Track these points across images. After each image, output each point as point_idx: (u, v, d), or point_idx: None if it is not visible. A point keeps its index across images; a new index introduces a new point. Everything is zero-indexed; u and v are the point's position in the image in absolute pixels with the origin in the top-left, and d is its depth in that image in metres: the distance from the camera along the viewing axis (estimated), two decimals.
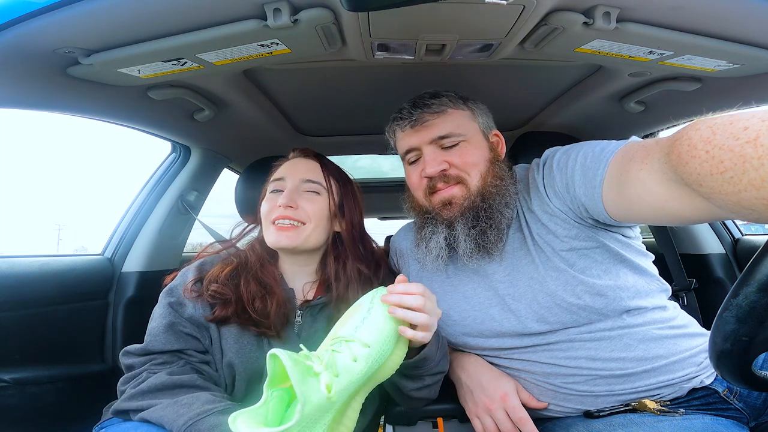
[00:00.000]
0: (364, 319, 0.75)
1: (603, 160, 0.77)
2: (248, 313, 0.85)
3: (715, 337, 0.50)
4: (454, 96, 0.97)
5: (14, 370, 1.09)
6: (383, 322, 0.74)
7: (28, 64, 0.81)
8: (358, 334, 0.72)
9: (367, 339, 0.71)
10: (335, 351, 0.69)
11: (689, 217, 0.62)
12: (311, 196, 0.94)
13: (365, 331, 0.72)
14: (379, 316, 0.75)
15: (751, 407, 0.84)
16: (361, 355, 0.69)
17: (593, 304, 0.84)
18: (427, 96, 0.96)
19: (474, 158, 0.93)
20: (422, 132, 0.94)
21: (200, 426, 0.66)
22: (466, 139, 0.94)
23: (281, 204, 0.90)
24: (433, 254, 0.94)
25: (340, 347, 0.69)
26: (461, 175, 0.93)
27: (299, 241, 0.90)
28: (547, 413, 0.91)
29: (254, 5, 0.73)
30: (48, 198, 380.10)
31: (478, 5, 0.72)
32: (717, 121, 0.50)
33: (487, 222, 0.90)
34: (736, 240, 1.69)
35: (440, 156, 0.93)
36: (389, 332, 0.74)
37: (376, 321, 0.74)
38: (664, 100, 1.22)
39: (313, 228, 0.92)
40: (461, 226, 0.91)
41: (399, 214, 3.27)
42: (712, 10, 0.77)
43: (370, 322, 0.74)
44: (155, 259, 1.52)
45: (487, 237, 0.90)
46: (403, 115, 0.96)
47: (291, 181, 0.94)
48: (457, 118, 0.95)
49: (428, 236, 0.95)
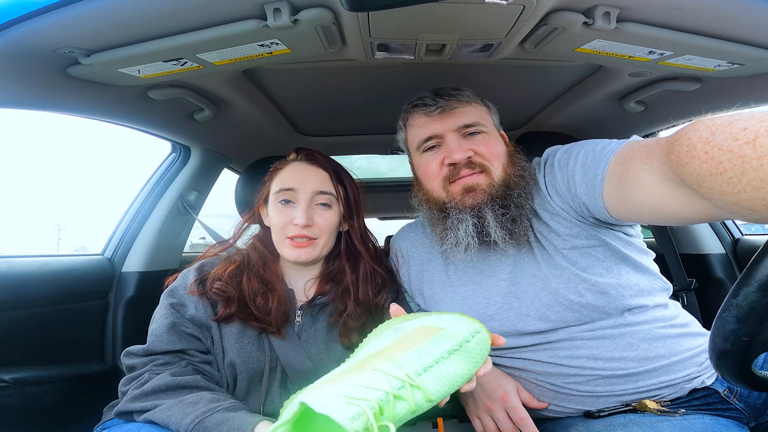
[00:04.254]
0: (439, 362, 0.59)
1: (603, 160, 0.77)
2: (250, 309, 0.86)
3: (715, 337, 0.50)
4: (473, 92, 0.98)
5: (14, 370, 1.09)
6: (457, 379, 0.60)
7: (28, 64, 0.81)
8: (426, 379, 0.56)
9: (433, 393, 0.56)
10: (399, 398, 0.54)
11: (689, 217, 0.62)
12: (324, 211, 0.94)
13: (434, 382, 0.57)
14: (457, 371, 0.60)
15: (751, 407, 0.84)
16: (421, 408, 0.56)
17: (595, 302, 0.84)
18: (449, 88, 0.96)
19: (497, 150, 0.93)
20: (448, 119, 0.93)
21: (207, 423, 0.67)
22: (488, 131, 0.94)
23: (299, 224, 0.89)
24: (462, 245, 0.90)
25: (403, 391, 0.54)
26: (485, 164, 0.91)
27: (315, 255, 0.93)
28: (547, 413, 0.91)
29: (254, 5, 0.73)
30: (48, 198, 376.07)
31: (478, 5, 0.72)
32: (716, 122, 0.50)
33: (517, 210, 0.89)
34: (736, 240, 1.69)
35: (465, 144, 0.92)
36: (456, 387, 0.60)
37: (451, 375, 0.59)
38: (664, 100, 1.22)
39: (326, 240, 0.94)
40: (491, 213, 0.88)
41: (399, 214, 3.27)
42: (712, 10, 0.77)
43: (443, 374, 0.59)
44: (155, 259, 1.52)
45: (520, 225, 0.89)
46: (428, 102, 0.94)
47: (304, 194, 0.92)
48: (479, 111, 0.96)
49: (455, 226, 0.91)
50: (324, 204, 0.94)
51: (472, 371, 0.62)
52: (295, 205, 0.92)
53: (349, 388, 0.54)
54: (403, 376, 0.56)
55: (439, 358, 0.59)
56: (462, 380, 0.61)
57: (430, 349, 0.60)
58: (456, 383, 0.60)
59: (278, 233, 0.93)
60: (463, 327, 0.64)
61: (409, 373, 0.56)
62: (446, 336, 0.62)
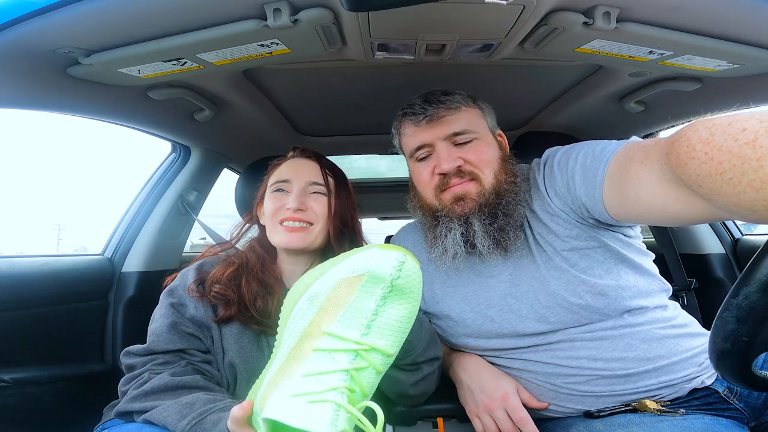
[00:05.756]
0: (377, 314, 0.55)
1: (603, 160, 0.77)
2: (250, 311, 0.86)
3: (715, 337, 0.50)
4: (465, 95, 0.97)
5: (14, 370, 1.09)
6: (404, 325, 0.57)
7: (28, 64, 0.81)
8: (374, 339, 0.54)
9: (388, 346, 0.55)
10: (359, 369, 0.52)
11: (689, 218, 0.62)
12: (318, 197, 0.95)
13: (384, 335, 0.55)
14: (400, 314, 0.57)
15: (751, 407, 0.84)
16: (387, 364, 0.55)
17: (595, 304, 0.84)
18: (439, 93, 0.95)
19: (488, 156, 0.92)
20: (437, 128, 0.92)
21: (203, 424, 0.67)
22: (479, 136, 0.93)
23: (291, 207, 0.90)
24: (450, 253, 0.91)
25: (358, 361, 0.52)
26: (475, 172, 0.91)
27: (309, 241, 0.92)
28: (547, 413, 0.91)
29: (254, 5, 0.73)
30: (48, 198, 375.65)
31: (478, 5, 0.72)
32: (715, 122, 0.50)
33: (506, 219, 0.89)
34: (736, 240, 1.69)
35: (455, 152, 0.91)
36: (408, 328, 0.58)
37: (397, 321, 0.56)
38: (664, 100, 1.22)
39: (320, 228, 0.93)
40: (478, 222, 0.89)
41: (398, 214, 3.27)
42: (712, 10, 0.77)
43: (389, 323, 0.56)
44: (155, 259, 1.52)
45: (507, 234, 0.89)
46: (416, 110, 0.94)
47: (297, 183, 0.94)
48: (469, 116, 0.94)
49: (443, 234, 0.92)
50: (319, 193, 0.95)
51: (415, 306, 0.58)
52: (289, 193, 0.94)
53: (302, 383, 0.50)
54: (351, 345, 0.51)
55: (375, 309, 0.54)
56: (410, 320, 0.57)
57: (360, 303, 0.54)
58: (405, 327, 0.57)
59: (270, 219, 0.93)
60: (384, 263, 0.55)
61: (354, 339, 0.52)
62: (370, 281, 0.55)
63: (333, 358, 0.51)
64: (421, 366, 0.84)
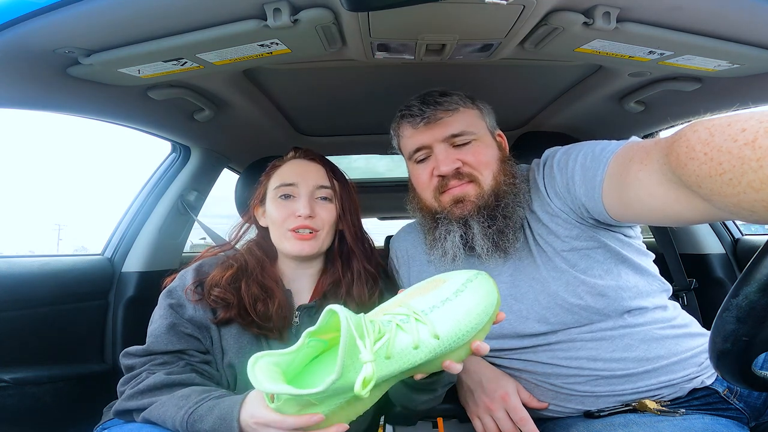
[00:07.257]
0: (445, 302, 0.62)
1: (603, 161, 0.77)
2: (250, 315, 0.86)
3: (715, 337, 0.50)
4: (463, 95, 0.96)
5: (14, 370, 1.09)
6: (465, 316, 0.61)
7: (28, 64, 0.81)
8: (433, 317, 0.60)
9: (440, 329, 0.59)
10: (400, 327, 0.58)
11: (689, 218, 0.62)
12: (325, 204, 0.94)
13: (442, 319, 0.60)
14: (465, 305, 0.62)
15: (751, 407, 0.84)
16: (426, 345, 0.58)
17: (594, 305, 0.84)
18: (437, 94, 0.94)
19: (486, 157, 0.92)
20: (435, 129, 0.92)
21: (199, 411, 0.68)
22: (478, 137, 0.93)
23: (303, 214, 0.89)
24: (449, 255, 0.91)
25: (407, 324, 0.58)
26: (474, 174, 0.91)
27: (318, 248, 0.92)
28: (547, 413, 0.91)
29: (254, 5, 0.73)
30: (48, 198, 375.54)
31: (478, 5, 0.72)
32: (715, 123, 0.50)
33: (505, 221, 0.89)
34: (736, 240, 1.69)
35: (453, 154, 0.91)
36: (466, 330, 0.61)
37: (458, 311, 0.61)
38: (664, 100, 1.22)
39: (326, 234, 0.93)
40: (477, 225, 0.89)
41: (398, 214, 3.27)
42: (712, 10, 0.77)
43: (451, 310, 0.61)
44: (155, 259, 1.52)
45: (506, 236, 0.89)
46: (414, 112, 0.93)
47: (305, 188, 0.93)
48: (467, 117, 0.94)
49: (443, 236, 0.92)
50: (326, 198, 0.94)
51: (482, 304, 0.63)
52: (297, 198, 0.92)
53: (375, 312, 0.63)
54: (410, 312, 0.60)
55: (445, 299, 0.63)
56: (474, 316, 0.62)
57: (438, 293, 0.64)
58: (468, 320, 0.61)
59: (278, 228, 0.92)
60: (465, 273, 0.69)
61: (415, 310, 0.60)
62: (452, 281, 0.67)
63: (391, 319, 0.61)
64: (438, 389, 0.83)
